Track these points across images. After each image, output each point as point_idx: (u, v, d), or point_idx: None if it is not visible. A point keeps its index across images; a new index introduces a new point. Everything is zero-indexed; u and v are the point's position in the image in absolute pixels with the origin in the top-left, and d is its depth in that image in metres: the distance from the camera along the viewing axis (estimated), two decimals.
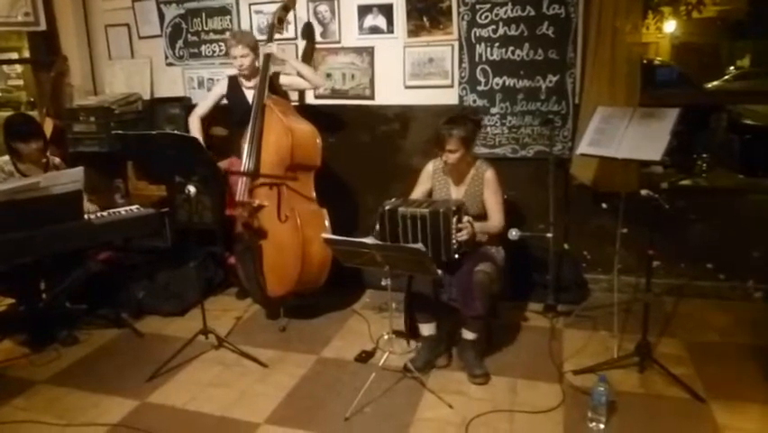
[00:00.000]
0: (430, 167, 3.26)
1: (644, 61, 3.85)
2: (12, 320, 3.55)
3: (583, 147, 3.18)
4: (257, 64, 3.76)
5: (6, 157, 3.40)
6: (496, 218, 3.08)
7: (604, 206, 3.79)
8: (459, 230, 2.87)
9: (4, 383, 3.07)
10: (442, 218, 2.84)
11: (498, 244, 3.16)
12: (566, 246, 3.82)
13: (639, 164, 3.44)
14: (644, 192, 2.76)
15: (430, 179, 3.24)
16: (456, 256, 2.90)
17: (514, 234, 3.14)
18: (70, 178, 3.19)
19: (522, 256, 3.68)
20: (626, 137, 3.00)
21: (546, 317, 3.61)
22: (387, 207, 2.94)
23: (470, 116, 3.13)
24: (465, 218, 2.92)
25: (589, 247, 3.93)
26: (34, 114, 4.83)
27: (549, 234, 3.56)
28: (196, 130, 3.80)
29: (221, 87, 3.84)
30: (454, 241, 2.86)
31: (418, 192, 3.25)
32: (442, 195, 3.18)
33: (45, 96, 4.64)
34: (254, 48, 3.68)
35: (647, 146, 2.88)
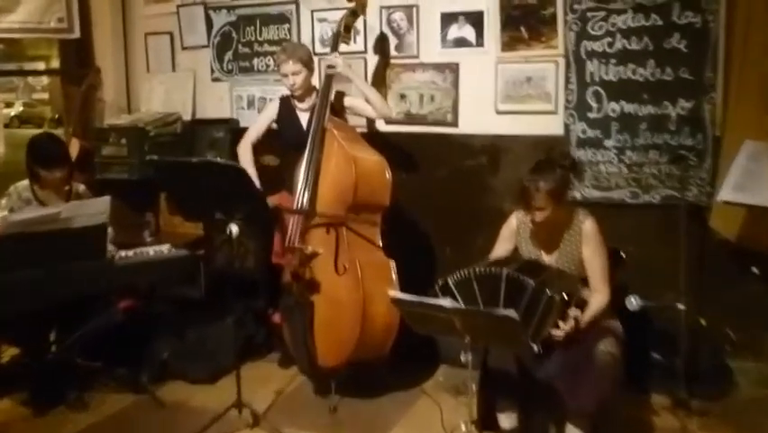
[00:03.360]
0: (513, 221, 3.21)
1: None
2: (14, 376, 3.66)
3: (726, 192, 3.09)
4: (312, 82, 3.84)
5: (26, 182, 3.58)
6: (600, 289, 2.99)
7: (754, 270, 3.60)
8: (559, 323, 2.77)
9: None
10: (545, 301, 2.72)
11: (613, 315, 3.03)
12: (703, 322, 3.63)
13: None
14: None
15: (513, 237, 3.20)
16: (535, 349, 2.77)
17: (634, 303, 3.02)
18: (95, 209, 3.30)
19: (643, 332, 3.53)
20: None
21: (675, 415, 3.43)
22: (438, 285, 2.88)
23: (560, 162, 3.07)
24: (572, 313, 2.82)
25: (734, 324, 3.71)
26: (59, 132, 5.10)
27: (680, 306, 3.39)
28: (247, 161, 3.88)
29: (271, 110, 3.94)
30: (547, 333, 2.77)
31: (499, 254, 3.20)
32: (529, 257, 3.14)
33: (73, 113, 4.88)
34: (308, 63, 3.77)
35: None
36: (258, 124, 3.96)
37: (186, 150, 4.59)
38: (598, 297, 2.97)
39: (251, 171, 3.77)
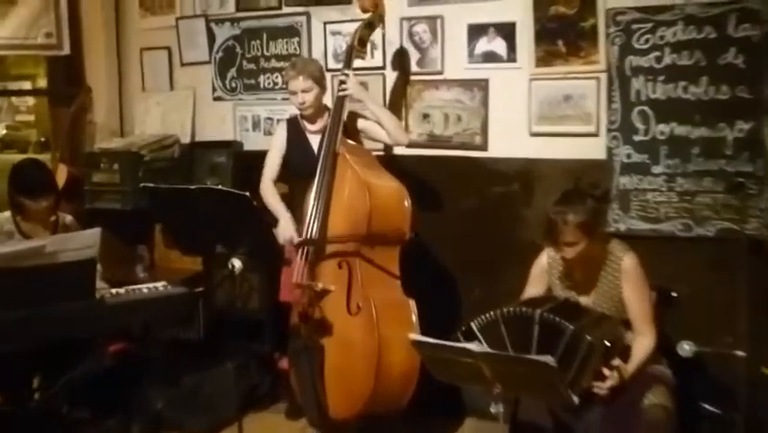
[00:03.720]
0: (543, 259, 3.24)
1: None
2: None
3: None
4: (324, 101, 3.91)
5: (7, 213, 3.64)
6: (644, 331, 2.99)
7: None
8: (600, 376, 2.77)
9: None
10: (585, 348, 2.71)
11: (661, 360, 3.03)
12: (765, 370, 3.59)
13: None
14: None
15: (544, 277, 3.23)
16: (575, 400, 2.75)
17: (686, 348, 3.01)
18: (84, 242, 3.32)
19: (697, 382, 3.50)
20: None
21: None
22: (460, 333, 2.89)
23: (590, 191, 3.10)
24: (615, 363, 2.82)
25: None
26: (46, 157, 5.19)
27: (739, 352, 3.36)
28: (274, 200, 3.93)
29: (280, 136, 4.00)
30: (586, 384, 2.76)
31: (531, 296, 3.21)
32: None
33: (61, 137, 4.98)
34: (319, 80, 3.84)
35: None
36: (271, 156, 4.00)
37: (184, 176, 4.66)
38: (643, 341, 2.97)
39: (282, 210, 3.87)
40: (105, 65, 5.08)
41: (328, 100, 4.02)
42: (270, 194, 3.96)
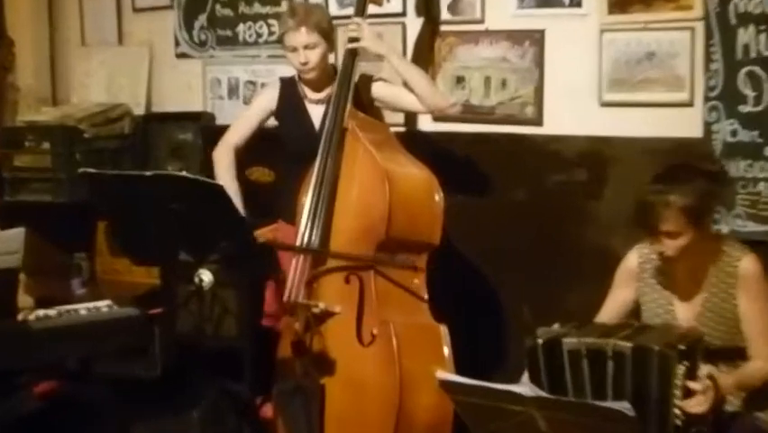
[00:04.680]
0: (633, 259, 3.24)
1: None
2: None
3: None
4: (331, 61, 3.91)
5: None
6: (764, 355, 2.96)
7: None
8: (688, 393, 2.75)
9: None
10: (656, 363, 2.72)
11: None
12: None
13: None
14: None
15: (632, 282, 3.23)
16: None
17: None
18: (2, 246, 3.35)
19: None
20: None
21: None
22: (541, 340, 2.88)
23: (701, 167, 3.08)
24: (704, 371, 2.81)
25: None
26: None
27: None
28: (225, 174, 3.95)
29: (267, 98, 4.01)
30: (677, 411, 2.74)
31: (613, 305, 3.24)
32: (658, 314, 3.15)
33: None
34: (328, 33, 3.83)
35: None
36: (246, 118, 4.03)
37: (137, 159, 4.71)
38: (758, 363, 2.95)
39: (232, 189, 3.82)
40: (31, 10, 5.09)
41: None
42: (224, 165, 3.97)
